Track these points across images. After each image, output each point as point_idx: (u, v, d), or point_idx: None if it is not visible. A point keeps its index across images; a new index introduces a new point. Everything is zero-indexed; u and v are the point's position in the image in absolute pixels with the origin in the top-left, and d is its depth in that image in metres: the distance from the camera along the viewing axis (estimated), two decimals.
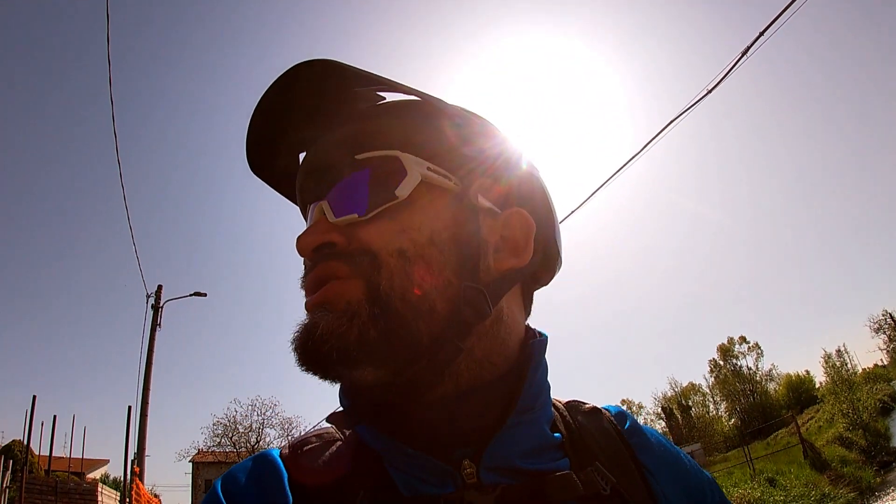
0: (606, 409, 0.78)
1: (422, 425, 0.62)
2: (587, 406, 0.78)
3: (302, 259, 0.69)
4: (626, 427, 0.75)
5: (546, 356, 0.72)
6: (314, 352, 0.59)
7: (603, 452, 0.69)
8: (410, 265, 0.62)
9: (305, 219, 0.75)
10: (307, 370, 0.61)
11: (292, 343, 0.62)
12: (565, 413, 0.75)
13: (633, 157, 8.33)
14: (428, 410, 0.63)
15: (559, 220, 0.80)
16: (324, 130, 0.70)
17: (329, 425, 0.72)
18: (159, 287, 18.40)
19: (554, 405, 0.75)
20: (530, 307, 0.79)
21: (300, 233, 0.66)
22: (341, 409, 0.69)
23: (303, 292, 0.67)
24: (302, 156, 0.74)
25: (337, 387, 0.67)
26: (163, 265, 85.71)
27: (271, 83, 0.65)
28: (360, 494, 0.60)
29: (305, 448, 0.68)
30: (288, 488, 0.62)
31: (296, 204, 0.78)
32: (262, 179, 0.77)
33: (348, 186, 0.66)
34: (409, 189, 0.64)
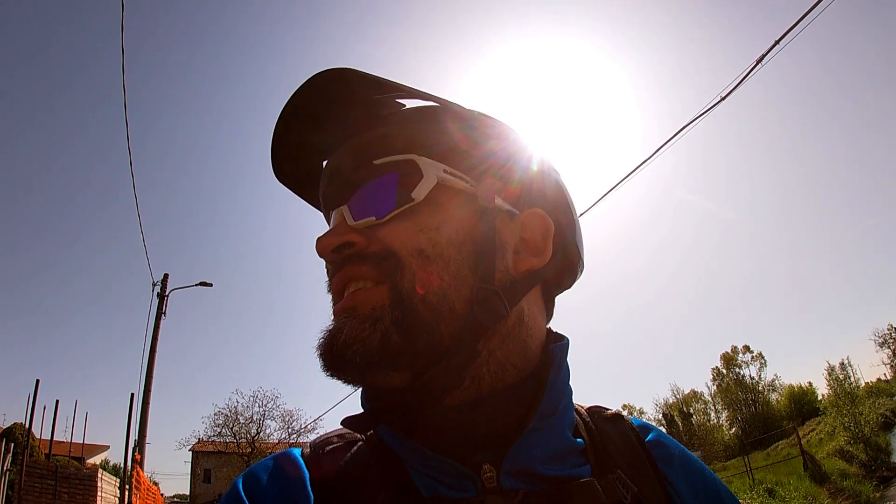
0: (630, 420, 0.78)
1: (442, 428, 0.62)
2: (610, 412, 0.77)
3: (323, 263, 0.70)
4: (649, 438, 0.74)
5: (568, 360, 0.72)
6: (338, 357, 0.60)
7: (624, 460, 0.69)
8: (430, 265, 0.63)
9: (329, 225, 0.75)
10: (331, 375, 0.62)
11: (318, 349, 0.63)
12: (587, 418, 0.74)
13: (644, 163, 8.47)
14: (448, 413, 0.62)
15: (579, 222, 0.79)
16: (345, 137, 0.71)
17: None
18: (165, 275, 18.67)
19: (576, 410, 0.75)
20: (552, 310, 0.79)
21: (320, 234, 0.67)
22: (358, 413, 0.69)
23: (329, 297, 0.69)
24: (325, 163, 0.75)
25: (344, 387, 0.68)
26: (170, 254, 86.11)
27: (293, 93, 0.66)
28: (381, 496, 0.60)
29: (327, 448, 0.68)
30: (310, 488, 0.63)
31: (320, 210, 0.79)
32: (287, 186, 0.79)
33: (368, 191, 0.67)
34: (426, 191, 0.65)
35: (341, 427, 0.69)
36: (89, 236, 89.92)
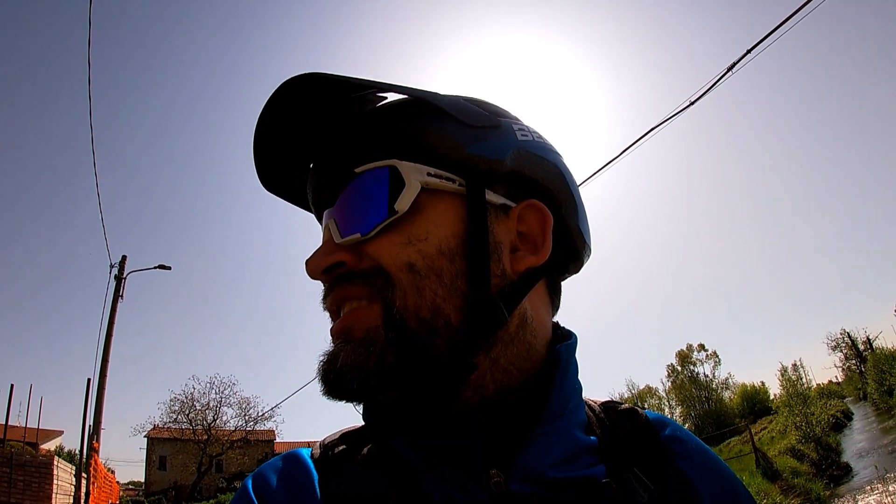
0: (646, 414, 0.74)
1: (448, 435, 0.61)
2: (624, 406, 0.74)
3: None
4: (665, 432, 0.71)
5: (576, 356, 0.70)
6: (336, 384, 0.59)
7: (640, 457, 0.65)
8: (421, 279, 0.60)
9: (322, 226, 0.73)
10: (331, 399, 0.61)
11: (318, 373, 0.62)
12: (601, 414, 0.72)
13: (609, 163, 8.57)
14: (453, 421, 0.61)
15: (583, 204, 0.75)
16: (325, 142, 0.69)
17: (362, 426, 0.70)
18: (123, 257, 18.17)
19: (588, 405, 0.73)
20: (558, 301, 0.76)
21: (308, 256, 0.66)
22: (359, 426, 0.70)
23: (326, 314, 0.68)
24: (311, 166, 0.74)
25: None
26: (129, 236, 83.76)
27: (263, 106, 0.64)
28: (391, 499, 0.58)
29: (336, 450, 0.66)
30: (319, 491, 0.61)
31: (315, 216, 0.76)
32: (280, 197, 0.77)
33: (350, 202, 0.65)
34: (409, 201, 0.61)
35: (353, 427, 0.70)
36: (46, 215, 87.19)
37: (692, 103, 7.53)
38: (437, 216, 0.63)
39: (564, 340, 0.70)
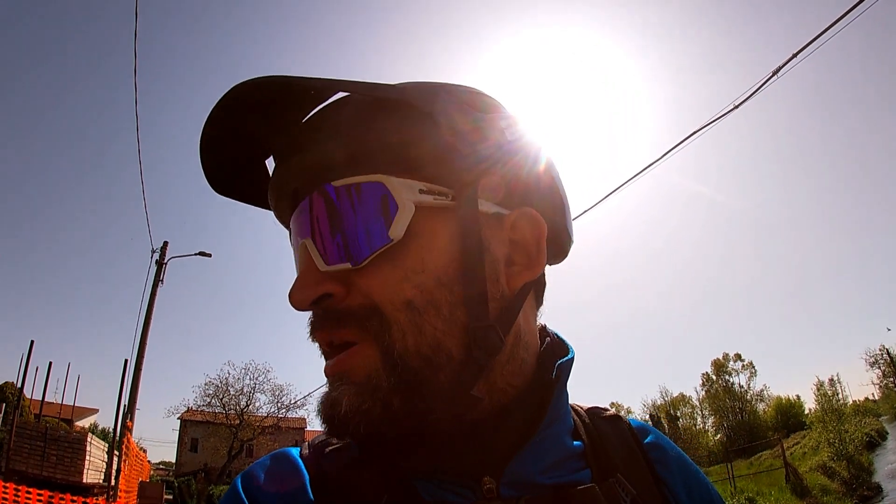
0: (629, 421, 0.75)
1: (441, 446, 0.60)
2: (608, 413, 0.75)
3: None
4: (647, 440, 0.73)
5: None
6: (342, 427, 0.57)
7: (623, 463, 0.66)
8: (421, 316, 0.57)
9: (289, 237, 0.68)
10: (336, 437, 0.64)
11: (319, 414, 0.60)
12: (587, 420, 0.72)
13: (648, 167, 8.46)
14: (448, 435, 0.60)
15: (568, 202, 0.73)
16: (290, 147, 0.62)
17: None
18: (165, 243, 18.59)
19: (575, 410, 0.73)
20: (542, 296, 0.73)
21: (291, 286, 0.60)
22: (347, 448, 0.66)
23: (313, 343, 0.63)
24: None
25: None
26: (171, 222, 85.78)
27: (217, 102, 0.57)
28: (383, 499, 0.58)
29: (327, 450, 0.66)
30: (310, 490, 0.61)
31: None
32: (233, 199, 0.70)
33: (332, 223, 0.58)
34: (405, 226, 0.56)
35: None
36: (91, 201, 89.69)
37: (736, 107, 7.41)
38: (432, 239, 0.58)
39: (555, 346, 0.71)
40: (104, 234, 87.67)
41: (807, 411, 42.29)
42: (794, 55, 6.87)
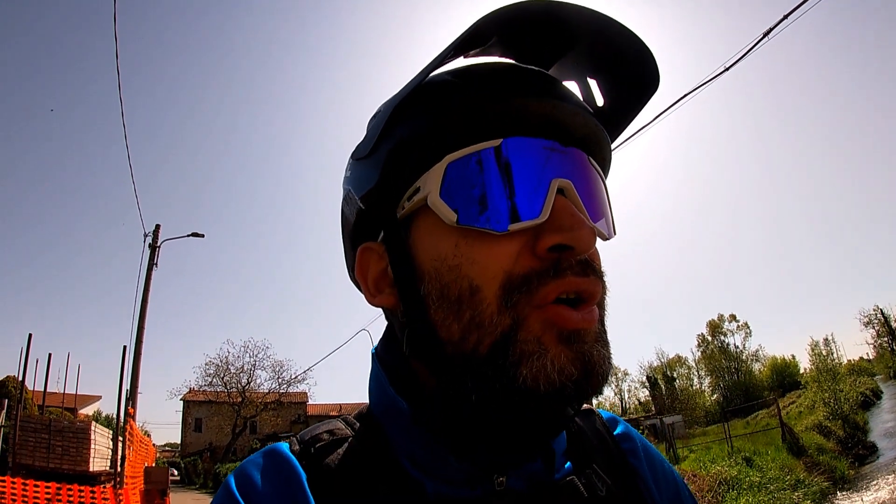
0: (599, 413, 0.78)
1: (488, 438, 0.58)
2: (583, 407, 0.76)
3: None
4: (617, 432, 0.76)
5: None
6: (594, 389, 0.53)
7: (598, 455, 0.69)
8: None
9: (484, 162, 0.56)
10: (579, 401, 0.56)
11: (573, 375, 0.52)
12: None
13: (641, 129, 8.45)
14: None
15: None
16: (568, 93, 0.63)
17: (337, 421, 0.69)
18: (157, 226, 18.67)
19: None
20: None
21: (577, 224, 0.54)
22: (332, 422, 0.68)
23: (535, 286, 0.53)
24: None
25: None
26: (162, 205, 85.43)
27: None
28: (379, 493, 0.58)
29: (318, 445, 0.64)
30: (307, 488, 0.59)
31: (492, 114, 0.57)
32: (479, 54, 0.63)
33: (596, 187, 0.60)
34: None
35: (329, 422, 0.69)
36: (80, 188, 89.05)
37: (727, 69, 7.45)
38: None
39: None
40: (94, 221, 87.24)
41: (802, 371, 42.90)
42: (786, 16, 6.88)
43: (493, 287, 0.53)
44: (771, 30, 7.04)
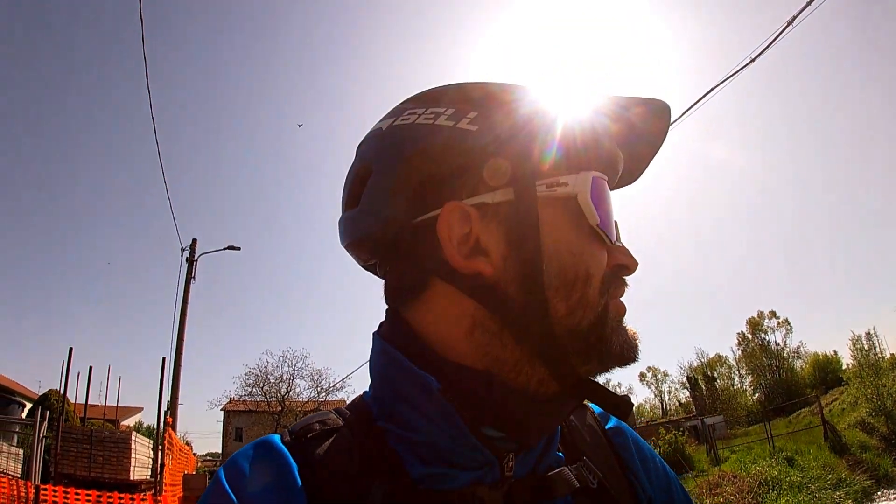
0: (591, 408, 0.82)
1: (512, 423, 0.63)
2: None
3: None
4: (609, 426, 0.80)
5: None
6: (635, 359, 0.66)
7: (589, 448, 0.73)
8: None
9: (604, 189, 0.68)
10: (627, 365, 0.66)
11: (633, 356, 0.65)
12: None
13: (682, 116, 8.21)
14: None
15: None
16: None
17: (329, 413, 0.70)
18: (194, 241, 18.83)
19: None
20: None
21: (630, 255, 0.68)
22: (325, 413, 0.70)
23: (615, 284, 0.67)
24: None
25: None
26: (198, 218, 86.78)
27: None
28: (374, 484, 0.59)
29: (309, 435, 0.65)
30: (298, 479, 0.60)
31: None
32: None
33: None
34: None
35: (322, 413, 0.69)
36: (117, 203, 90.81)
37: (752, 60, 7.40)
38: None
39: None
40: (133, 235, 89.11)
41: (844, 367, 41.67)
42: (809, 3, 6.78)
43: (599, 277, 0.64)
44: (794, 17, 6.97)
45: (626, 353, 0.64)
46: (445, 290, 0.64)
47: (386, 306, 0.73)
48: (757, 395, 49.94)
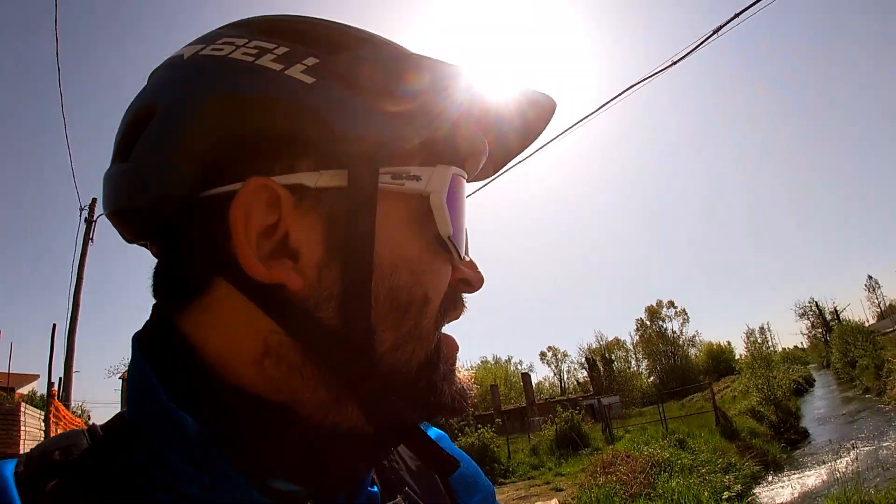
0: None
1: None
2: None
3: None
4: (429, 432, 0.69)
5: None
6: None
7: (412, 477, 0.64)
8: None
9: (462, 190, 0.55)
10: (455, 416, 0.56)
11: (459, 401, 0.54)
12: None
13: (588, 116, 8.55)
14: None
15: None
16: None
17: (81, 435, 0.48)
18: (93, 200, 17.36)
19: None
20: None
21: (477, 268, 0.57)
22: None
23: (450, 309, 0.55)
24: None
25: None
26: (100, 177, 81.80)
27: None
28: None
29: (45, 467, 0.45)
30: None
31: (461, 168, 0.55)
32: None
33: None
34: None
35: (70, 435, 0.48)
36: (14, 162, 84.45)
37: (674, 63, 7.61)
38: None
39: None
40: (30, 195, 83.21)
41: (737, 357, 44.33)
42: (736, 15, 7.04)
43: (438, 301, 0.52)
44: (721, 27, 7.14)
45: (456, 404, 0.53)
46: (232, 298, 0.47)
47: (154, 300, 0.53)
48: (652, 378, 52.76)
